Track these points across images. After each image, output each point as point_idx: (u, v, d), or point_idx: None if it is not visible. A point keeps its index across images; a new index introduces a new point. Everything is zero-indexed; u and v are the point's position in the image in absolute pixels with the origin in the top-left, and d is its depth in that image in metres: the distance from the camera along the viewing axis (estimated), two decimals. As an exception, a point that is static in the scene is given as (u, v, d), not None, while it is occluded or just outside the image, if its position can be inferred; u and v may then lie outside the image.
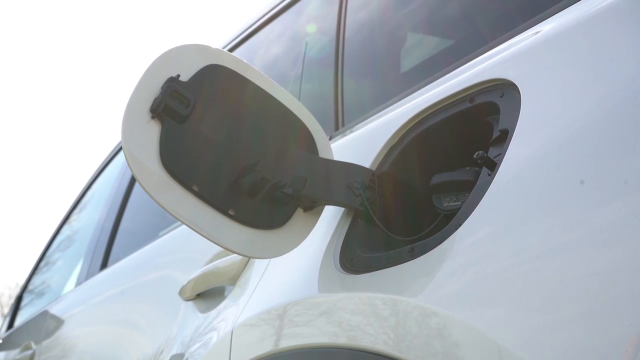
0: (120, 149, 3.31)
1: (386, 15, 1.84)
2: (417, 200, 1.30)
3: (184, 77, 1.28)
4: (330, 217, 1.40)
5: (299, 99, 1.57)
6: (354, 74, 1.81)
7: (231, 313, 1.60)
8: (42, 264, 4.26)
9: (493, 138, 1.11)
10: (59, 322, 3.16)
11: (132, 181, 3.02)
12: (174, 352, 1.85)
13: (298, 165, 1.31)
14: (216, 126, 1.29)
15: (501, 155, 1.05)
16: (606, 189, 0.88)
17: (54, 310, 3.31)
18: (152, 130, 1.24)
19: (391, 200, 1.32)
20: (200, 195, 1.25)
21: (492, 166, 1.07)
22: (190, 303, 1.91)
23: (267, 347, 1.36)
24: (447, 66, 1.38)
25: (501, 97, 1.12)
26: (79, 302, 3.02)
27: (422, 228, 1.22)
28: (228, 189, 1.27)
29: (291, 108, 1.38)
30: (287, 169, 1.30)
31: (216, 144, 1.28)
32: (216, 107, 1.30)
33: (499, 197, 1.02)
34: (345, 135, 1.60)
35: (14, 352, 3.58)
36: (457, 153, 1.24)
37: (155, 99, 1.25)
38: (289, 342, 1.32)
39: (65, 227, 4.09)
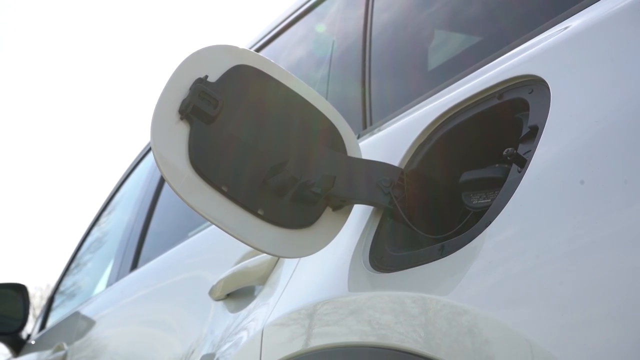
0: (149, 150, 3.33)
1: (412, 14, 1.83)
2: (446, 198, 1.29)
3: (212, 78, 1.28)
4: (359, 215, 1.40)
5: (327, 99, 1.57)
6: (381, 73, 1.81)
7: (261, 313, 1.60)
8: (72, 265, 4.30)
9: (522, 135, 1.10)
10: (90, 322, 3.19)
11: (161, 182, 3.04)
12: (204, 352, 1.85)
13: (326, 164, 1.31)
14: (244, 126, 1.30)
15: (531, 152, 1.04)
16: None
17: (85, 311, 3.34)
18: (181, 132, 1.25)
19: (420, 199, 1.31)
20: (229, 196, 1.25)
21: (522, 163, 1.06)
22: (220, 303, 1.91)
23: (297, 347, 1.36)
24: (475, 63, 1.37)
25: (530, 93, 1.12)
26: (110, 303, 3.05)
27: (452, 226, 1.22)
28: (257, 189, 1.28)
29: (319, 107, 1.37)
30: (316, 168, 1.30)
31: (244, 144, 1.29)
32: (244, 108, 1.31)
33: (529, 194, 1.01)
34: (373, 134, 1.60)
35: (47, 353, 3.62)
36: (486, 150, 1.24)
37: (184, 100, 1.25)
38: (319, 341, 1.32)
39: (95, 228, 4.12)
